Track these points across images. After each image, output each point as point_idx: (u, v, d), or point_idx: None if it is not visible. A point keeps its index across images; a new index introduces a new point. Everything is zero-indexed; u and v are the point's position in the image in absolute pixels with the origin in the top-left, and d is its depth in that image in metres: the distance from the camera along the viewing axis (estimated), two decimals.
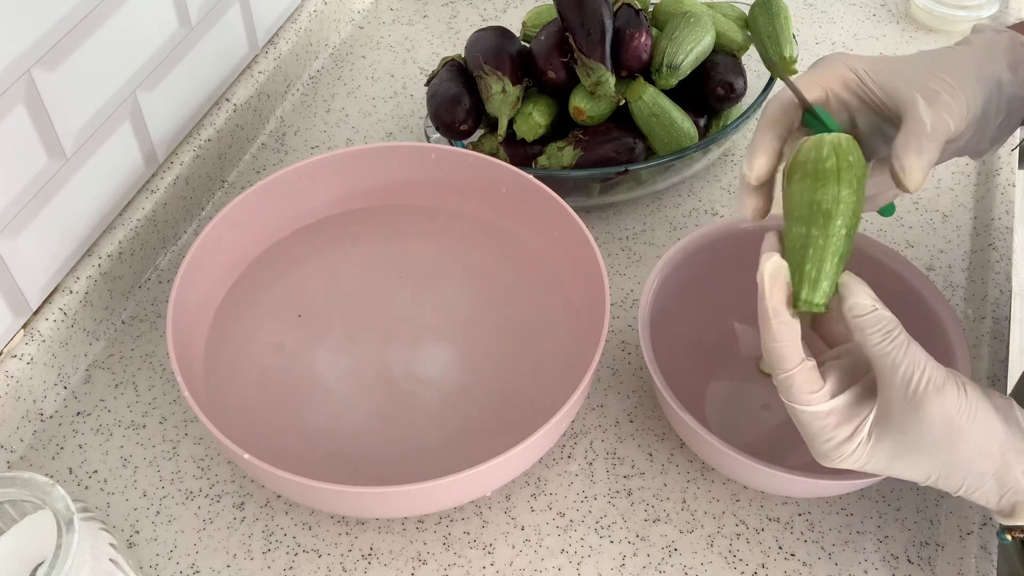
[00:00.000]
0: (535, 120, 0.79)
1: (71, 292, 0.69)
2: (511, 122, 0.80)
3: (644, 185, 0.81)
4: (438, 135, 0.81)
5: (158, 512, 0.63)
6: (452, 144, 0.80)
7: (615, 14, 0.78)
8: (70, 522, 0.46)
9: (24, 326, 0.66)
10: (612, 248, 0.80)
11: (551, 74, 0.78)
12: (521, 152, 0.80)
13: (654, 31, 0.81)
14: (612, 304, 0.75)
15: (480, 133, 0.83)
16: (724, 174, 0.86)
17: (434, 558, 0.61)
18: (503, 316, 0.72)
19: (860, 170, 0.49)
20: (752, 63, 0.88)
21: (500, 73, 0.78)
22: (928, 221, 0.82)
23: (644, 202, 0.84)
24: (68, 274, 0.69)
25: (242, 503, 0.64)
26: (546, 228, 0.72)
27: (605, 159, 0.78)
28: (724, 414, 0.68)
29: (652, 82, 0.80)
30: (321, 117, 0.91)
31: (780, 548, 0.62)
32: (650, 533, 0.63)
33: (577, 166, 0.78)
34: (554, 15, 0.83)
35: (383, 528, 0.63)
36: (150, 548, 0.61)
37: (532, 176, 0.72)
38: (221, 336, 0.69)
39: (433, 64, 0.96)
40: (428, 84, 0.82)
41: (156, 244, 0.77)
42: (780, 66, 0.83)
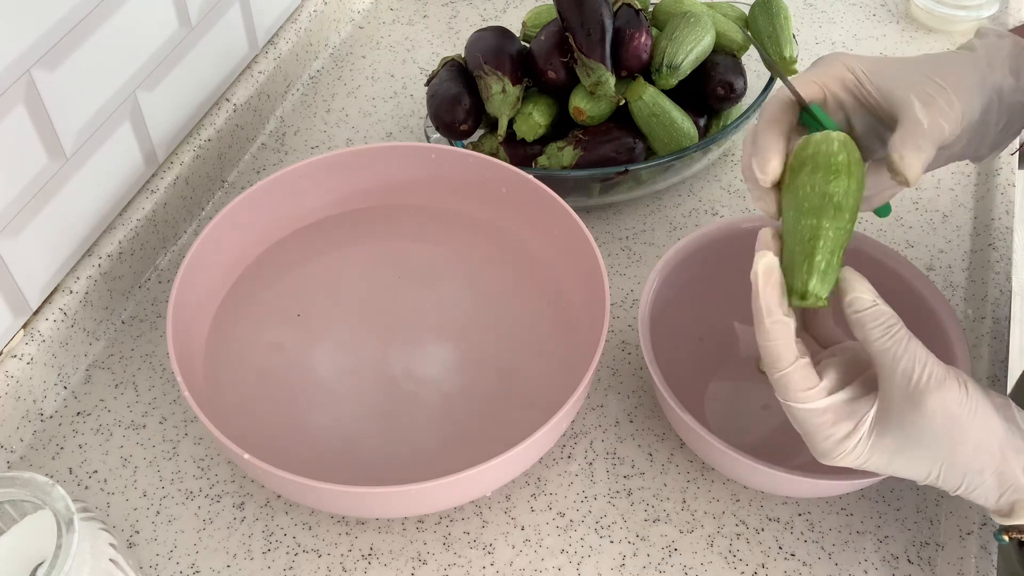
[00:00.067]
0: (535, 120, 0.79)
1: (71, 292, 0.69)
2: (511, 122, 0.80)
3: (644, 185, 0.81)
4: (438, 135, 0.81)
5: (158, 512, 0.63)
6: (452, 144, 0.80)
7: (615, 14, 0.78)
8: (70, 522, 0.46)
9: (24, 326, 0.66)
10: (612, 248, 0.80)
11: (551, 74, 0.78)
12: (521, 152, 0.80)
13: (654, 31, 0.81)
14: (612, 304, 0.75)
15: (480, 133, 0.83)
16: (724, 174, 0.86)
17: (434, 558, 0.61)
18: (503, 316, 0.72)
19: (861, 168, 0.50)
20: (752, 63, 0.88)
21: (500, 73, 0.78)
22: (928, 221, 0.82)
23: (644, 202, 0.84)
24: (68, 274, 0.69)
25: (242, 503, 0.64)
26: (546, 228, 0.72)
27: (605, 159, 0.78)
28: (724, 414, 0.68)
29: (652, 82, 0.80)
30: (321, 117, 0.91)
31: (780, 548, 0.62)
32: (650, 533, 0.63)
33: (577, 166, 0.78)
34: (554, 15, 0.83)
35: (383, 528, 0.63)
36: (150, 548, 0.61)
37: (532, 176, 0.72)
38: (221, 336, 0.69)
39: (433, 64, 0.96)
40: (428, 84, 0.82)
41: (156, 244, 0.77)
42: (780, 66, 0.83)
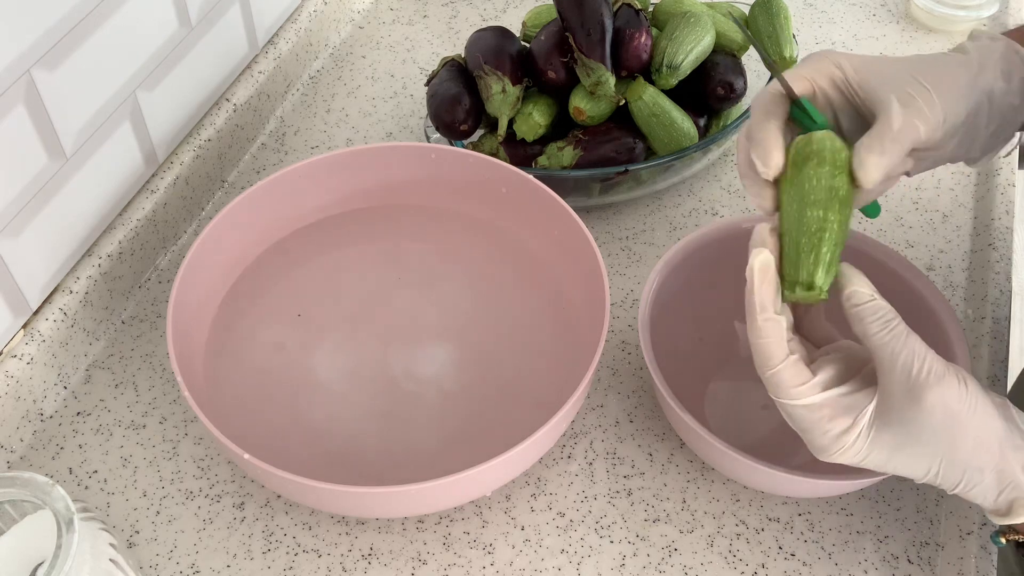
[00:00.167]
0: (535, 120, 0.79)
1: (71, 292, 0.69)
2: (511, 122, 0.80)
3: (644, 185, 0.81)
4: (438, 135, 0.81)
5: (158, 512, 0.63)
6: (452, 144, 0.80)
7: (615, 14, 0.78)
8: (70, 522, 0.46)
9: (24, 326, 0.66)
10: (612, 248, 0.80)
11: (551, 74, 0.78)
12: (521, 152, 0.80)
13: (654, 31, 0.81)
14: (612, 304, 0.75)
15: (480, 133, 0.83)
16: (724, 174, 0.86)
17: (434, 558, 0.61)
18: (503, 316, 0.72)
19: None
20: (752, 63, 0.88)
21: (500, 73, 0.78)
22: (928, 221, 0.82)
23: (644, 202, 0.84)
24: (68, 274, 0.69)
25: (242, 503, 0.64)
26: (546, 228, 0.72)
27: (605, 159, 0.78)
28: (724, 414, 0.68)
29: (652, 82, 0.80)
30: (321, 117, 0.91)
31: (780, 548, 0.62)
32: (650, 533, 0.63)
33: (577, 166, 0.78)
34: (554, 15, 0.83)
35: (383, 528, 0.63)
36: (150, 548, 0.61)
37: (532, 176, 0.72)
38: (221, 336, 0.69)
39: (433, 64, 0.96)
40: (428, 84, 0.82)
41: (156, 244, 0.77)
42: (778, 66, 0.83)
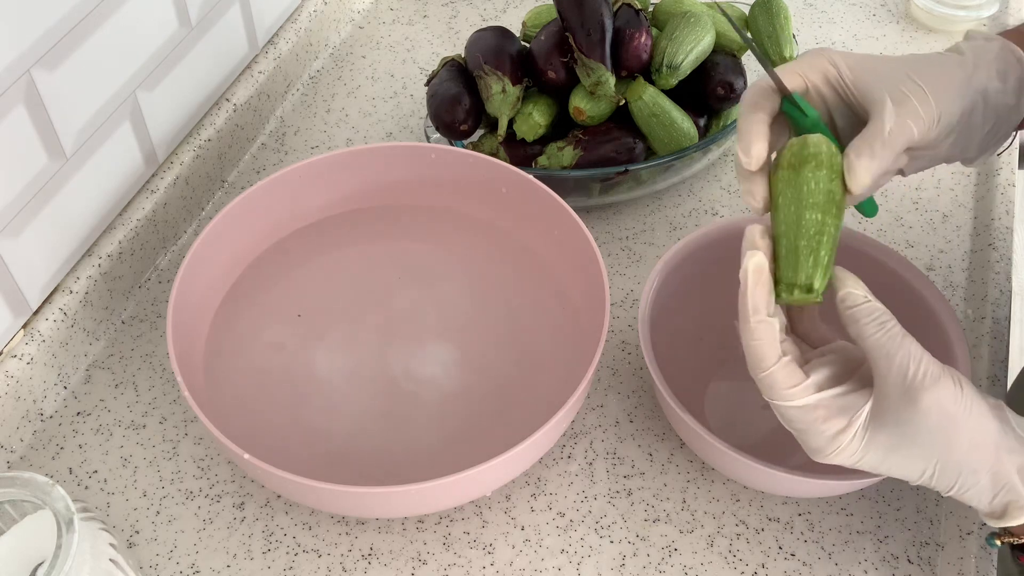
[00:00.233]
0: (535, 120, 0.79)
1: (71, 292, 0.69)
2: (511, 122, 0.80)
3: (644, 185, 0.81)
4: (438, 135, 0.81)
5: (158, 512, 0.63)
6: (452, 144, 0.80)
7: (615, 14, 0.78)
8: (70, 522, 0.46)
9: (24, 326, 0.66)
10: (612, 248, 0.80)
11: (551, 74, 0.78)
12: (521, 152, 0.80)
13: (654, 31, 0.81)
14: (612, 304, 0.75)
15: (480, 133, 0.83)
16: (724, 174, 0.86)
17: (434, 558, 0.61)
18: (503, 316, 0.72)
19: None
20: (752, 63, 0.88)
21: (500, 73, 0.78)
22: (928, 221, 0.82)
23: (644, 202, 0.84)
24: (68, 274, 0.69)
25: (242, 503, 0.64)
26: (546, 228, 0.72)
27: (605, 159, 0.78)
28: (724, 414, 0.68)
29: (652, 82, 0.80)
30: (321, 117, 0.91)
31: (780, 548, 0.62)
32: (650, 533, 0.63)
33: (577, 166, 0.78)
34: (554, 15, 0.83)
35: (383, 528, 0.63)
36: (150, 548, 0.61)
37: (532, 176, 0.72)
38: (221, 336, 0.69)
39: (433, 64, 0.96)
40: (428, 84, 0.82)
41: (156, 244, 0.77)
42: (768, 59, 0.83)
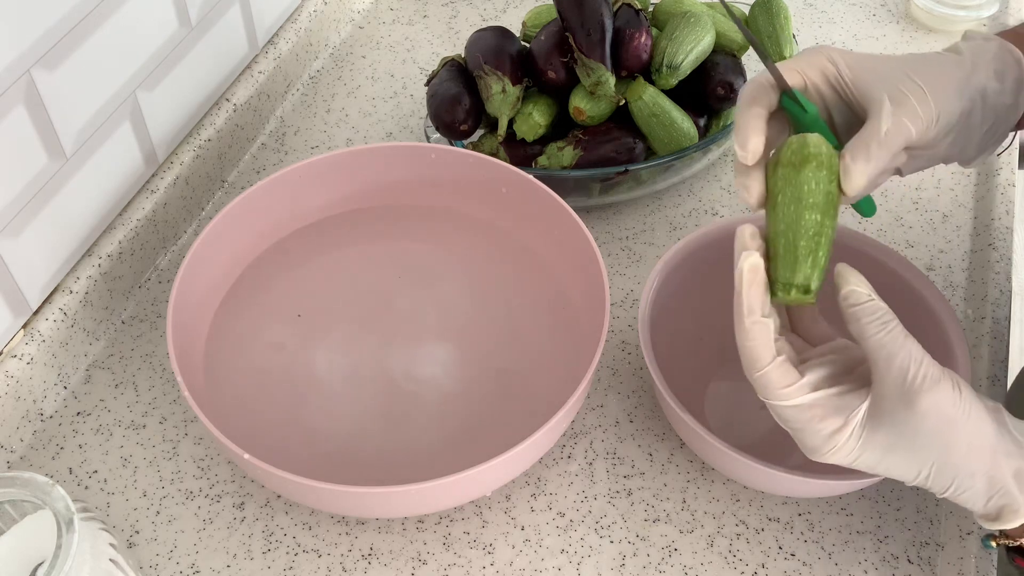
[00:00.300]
0: (535, 120, 0.79)
1: (71, 292, 0.68)
2: (511, 122, 0.80)
3: (644, 185, 0.81)
4: (438, 135, 0.81)
5: (158, 512, 0.63)
6: (452, 144, 0.80)
7: (615, 14, 0.78)
8: (70, 522, 0.46)
9: (24, 326, 0.66)
10: (612, 248, 0.80)
11: (551, 74, 0.78)
12: (521, 152, 0.80)
13: (654, 31, 0.81)
14: (612, 304, 0.75)
15: (480, 133, 0.83)
16: (724, 174, 0.86)
17: (434, 558, 0.61)
18: (503, 316, 0.72)
19: None
20: (752, 63, 0.88)
21: (500, 73, 0.78)
22: (928, 221, 0.82)
23: (644, 202, 0.84)
24: (68, 274, 0.69)
25: (242, 503, 0.64)
26: (546, 228, 0.72)
27: (605, 159, 0.78)
28: (724, 414, 0.68)
29: (652, 82, 0.80)
30: (321, 117, 0.91)
31: (780, 548, 0.62)
32: (650, 533, 0.63)
33: (577, 166, 0.78)
34: (554, 15, 0.83)
35: (383, 528, 0.63)
36: (150, 548, 0.61)
37: (532, 176, 0.72)
38: (221, 336, 0.69)
39: (433, 64, 0.96)
40: (428, 84, 0.82)
41: (156, 244, 0.77)
42: (769, 53, 0.82)
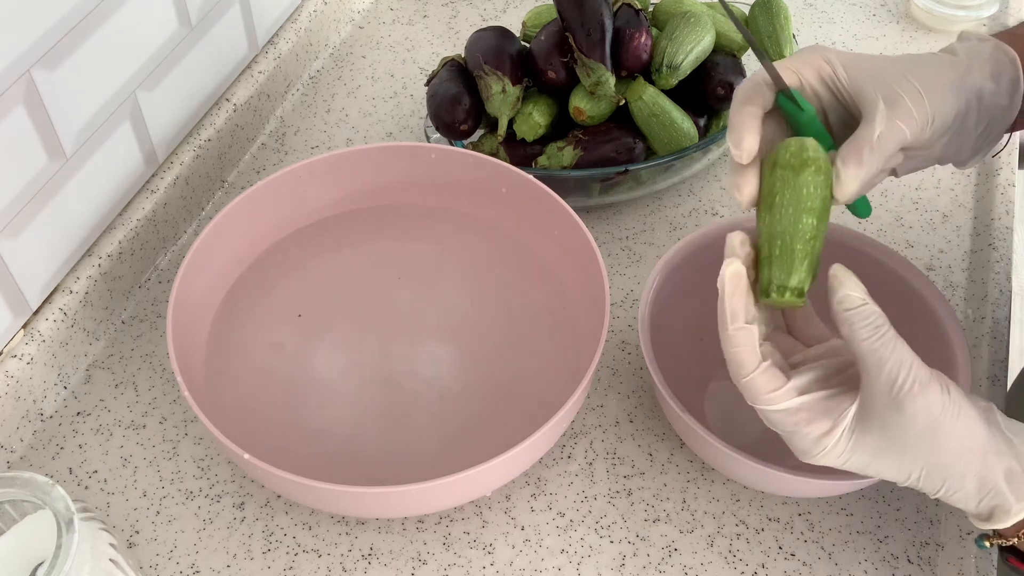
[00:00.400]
0: (535, 120, 0.79)
1: (71, 292, 0.69)
2: (511, 122, 0.80)
3: (644, 185, 0.81)
4: (438, 135, 0.81)
5: (158, 512, 0.63)
6: (452, 144, 0.80)
7: (615, 14, 0.78)
8: (70, 522, 0.46)
9: (24, 326, 0.66)
10: (612, 248, 0.80)
11: (551, 74, 0.78)
12: (521, 152, 0.80)
13: (654, 31, 0.81)
14: (612, 304, 0.75)
15: (480, 133, 0.83)
16: (724, 174, 0.86)
17: (434, 558, 0.61)
18: (503, 316, 0.72)
19: None
20: (752, 63, 0.88)
21: (500, 73, 0.78)
22: (928, 221, 0.82)
23: (644, 202, 0.83)
24: (68, 274, 0.69)
25: (242, 503, 0.64)
26: (546, 228, 0.72)
27: (605, 159, 0.78)
28: (724, 414, 0.68)
29: (652, 82, 0.80)
30: (321, 117, 0.91)
31: (780, 548, 0.62)
32: (650, 533, 0.63)
33: (577, 166, 0.78)
34: (554, 15, 0.83)
35: (383, 528, 0.63)
36: (150, 548, 0.61)
37: (532, 176, 0.72)
38: (221, 336, 0.69)
39: (433, 64, 0.96)
40: (428, 84, 0.82)
41: (156, 244, 0.77)
42: (766, 52, 0.82)
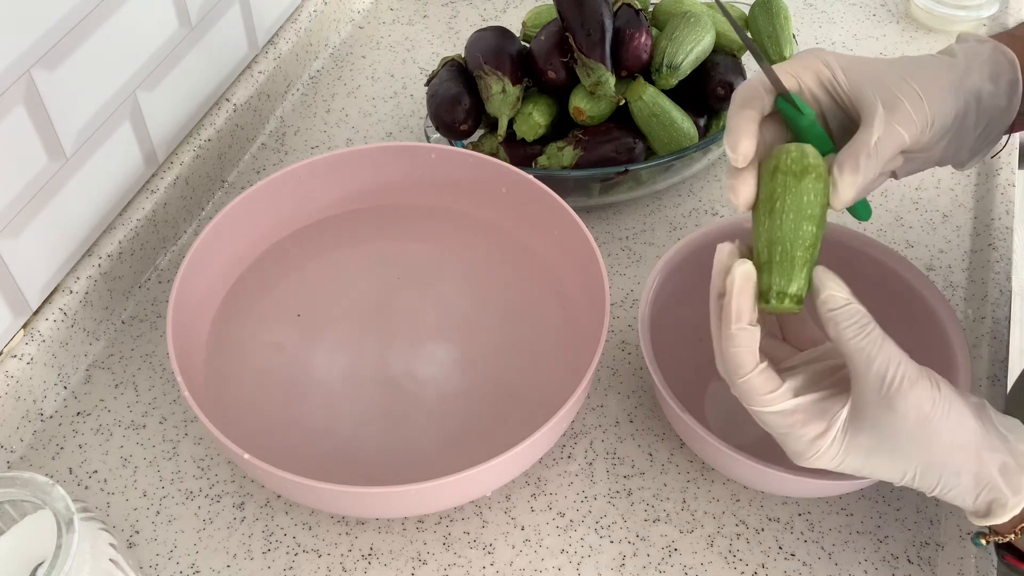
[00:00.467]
0: (535, 120, 0.79)
1: (71, 292, 0.69)
2: (511, 122, 0.80)
3: (644, 185, 0.81)
4: (438, 135, 0.81)
5: (158, 512, 0.63)
6: (452, 144, 0.80)
7: (615, 14, 0.78)
8: (70, 522, 0.46)
9: (24, 326, 0.66)
10: (612, 248, 0.80)
11: (551, 74, 0.78)
12: (521, 152, 0.80)
13: (654, 31, 0.81)
14: (612, 304, 0.75)
15: (480, 133, 0.83)
16: (724, 174, 0.86)
17: (434, 558, 0.61)
18: (503, 316, 0.72)
19: None
20: (753, 63, 0.88)
21: (500, 73, 0.78)
22: (928, 221, 0.82)
23: (644, 202, 0.83)
24: (68, 274, 0.69)
25: (242, 503, 0.64)
26: (546, 228, 0.72)
27: (605, 159, 0.78)
28: (724, 414, 0.68)
29: (652, 82, 0.80)
30: (321, 117, 0.91)
31: (780, 548, 0.62)
32: (650, 533, 0.63)
33: (577, 166, 0.78)
34: (554, 15, 0.83)
35: (383, 528, 0.63)
36: (150, 548, 0.61)
37: (532, 176, 0.72)
38: (221, 336, 0.69)
39: (433, 64, 0.96)
40: (428, 84, 0.82)
41: (156, 244, 0.77)
42: (764, 55, 0.82)
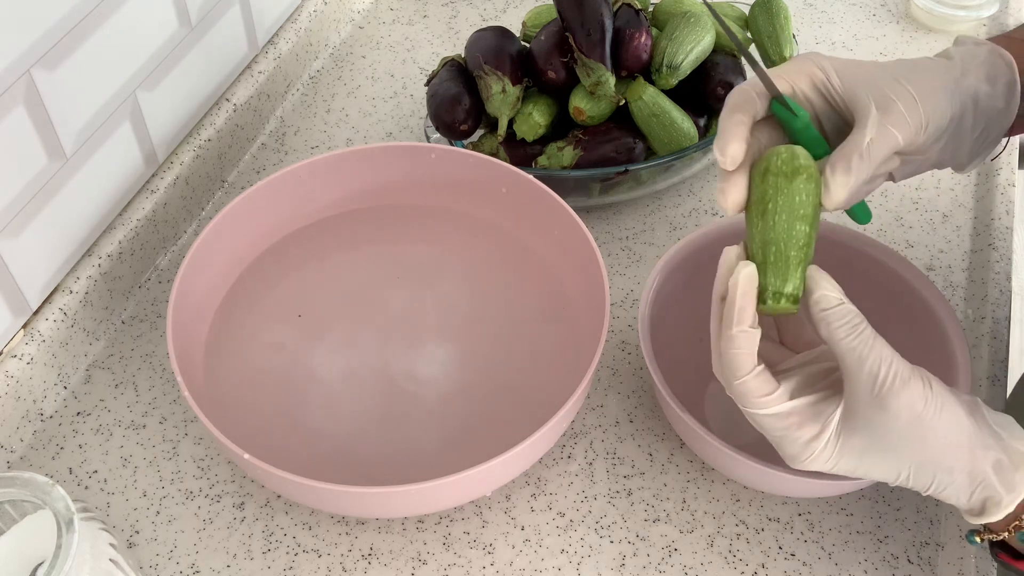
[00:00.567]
0: (535, 120, 0.79)
1: (71, 292, 0.69)
2: (511, 122, 0.80)
3: (644, 185, 0.81)
4: (438, 135, 0.81)
5: (158, 512, 0.63)
6: (452, 144, 0.80)
7: (615, 14, 0.78)
8: (70, 522, 0.46)
9: (24, 326, 0.66)
10: (612, 248, 0.80)
11: (551, 74, 0.78)
12: (521, 152, 0.80)
13: (654, 31, 0.81)
14: (612, 304, 0.75)
15: (480, 133, 0.83)
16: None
17: (434, 558, 0.61)
18: (503, 316, 0.72)
19: None
20: None
21: (500, 73, 0.78)
22: (928, 221, 0.82)
23: (644, 202, 0.84)
24: (68, 274, 0.69)
25: (242, 503, 0.64)
26: (546, 228, 0.72)
27: (605, 159, 0.78)
28: (724, 414, 0.68)
29: (652, 82, 0.80)
30: (321, 117, 0.91)
31: (780, 548, 0.62)
32: (650, 533, 0.63)
33: (577, 166, 0.78)
34: (554, 15, 0.83)
35: (383, 528, 0.63)
36: (150, 548, 0.61)
37: (532, 176, 0.72)
38: (221, 336, 0.69)
39: (433, 64, 0.96)
40: (428, 84, 0.82)
41: (156, 244, 0.77)
42: (754, 59, 0.82)
